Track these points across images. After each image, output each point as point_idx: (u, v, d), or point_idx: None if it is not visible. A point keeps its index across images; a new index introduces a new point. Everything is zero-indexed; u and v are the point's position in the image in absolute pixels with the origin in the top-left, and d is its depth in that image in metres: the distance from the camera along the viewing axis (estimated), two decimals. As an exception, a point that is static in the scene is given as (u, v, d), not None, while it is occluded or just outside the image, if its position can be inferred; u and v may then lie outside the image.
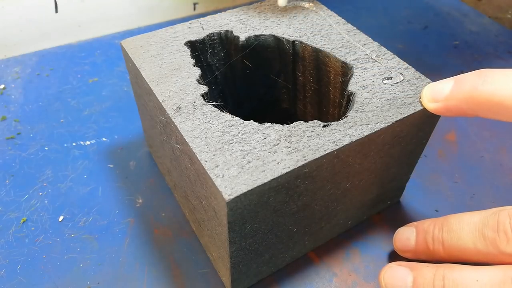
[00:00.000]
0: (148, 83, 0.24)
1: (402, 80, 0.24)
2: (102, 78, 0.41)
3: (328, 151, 0.20)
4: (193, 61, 0.25)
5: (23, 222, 0.29)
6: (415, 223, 0.25)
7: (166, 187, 0.31)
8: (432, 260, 0.23)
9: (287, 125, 0.22)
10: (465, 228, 0.22)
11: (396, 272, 0.23)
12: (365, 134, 0.21)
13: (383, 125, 0.22)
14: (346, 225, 0.28)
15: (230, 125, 0.21)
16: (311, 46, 0.27)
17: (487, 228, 0.21)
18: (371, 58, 0.26)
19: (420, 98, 0.23)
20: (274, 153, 0.20)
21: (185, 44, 0.27)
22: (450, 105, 0.21)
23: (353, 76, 0.24)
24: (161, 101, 0.23)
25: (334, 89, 0.27)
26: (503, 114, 0.20)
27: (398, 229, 0.26)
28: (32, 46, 0.45)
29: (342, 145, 0.20)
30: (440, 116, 0.24)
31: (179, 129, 0.21)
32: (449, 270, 0.21)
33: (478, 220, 0.21)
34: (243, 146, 0.20)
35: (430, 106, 0.22)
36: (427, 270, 0.22)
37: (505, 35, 0.47)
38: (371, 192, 0.27)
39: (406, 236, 0.25)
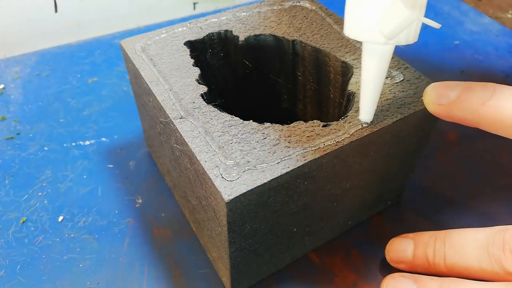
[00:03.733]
0: (148, 83, 0.24)
1: (402, 80, 0.24)
2: (102, 78, 0.41)
3: (328, 151, 0.20)
4: (192, 61, 0.25)
5: (23, 222, 0.29)
6: (410, 234, 0.25)
7: (166, 187, 0.31)
8: (429, 274, 0.23)
9: (287, 125, 0.22)
10: (469, 244, 0.21)
11: (400, 284, 0.22)
12: (365, 134, 0.21)
13: (383, 125, 0.21)
14: (346, 225, 0.28)
15: (229, 125, 0.21)
16: (311, 46, 0.27)
17: (493, 246, 0.21)
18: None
19: (422, 96, 0.22)
20: (274, 153, 0.20)
21: (184, 44, 0.27)
22: (453, 112, 0.21)
23: (353, 75, 0.24)
24: (160, 101, 0.23)
25: (334, 89, 0.27)
26: (505, 131, 0.20)
27: (392, 239, 0.26)
28: (32, 46, 0.45)
29: (342, 145, 0.20)
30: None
31: (179, 129, 0.21)
32: (454, 284, 0.21)
33: (483, 237, 0.21)
34: (242, 146, 0.20)
35: (432, 108, 0.22)
36: (432, 284, 0.21)
37: (505, 34, 0.47)
38: (371, 192, 0.27)
39: (402, 248, 0.25)
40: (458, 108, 0.20)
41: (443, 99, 0.21)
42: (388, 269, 0.26)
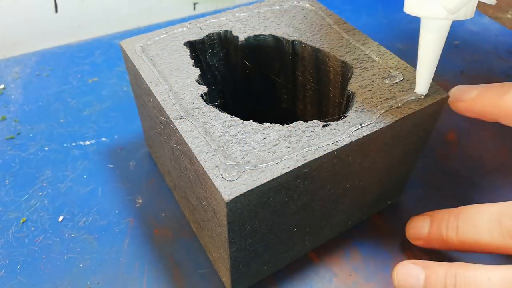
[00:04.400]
0: (147, 84, 0.24)
1: (402, 79, 0.24)
2: (102, 78, 0.41)
3: (328, 151, 0.20)
4: (192, 61, 0.25)
5: (23, 222, 0.29)
6: (430, 212, 0.26)
7: (166, 187, 0.31)
8: (444, 249, 0.24)
9: (287, 125, 0.22)
10: (482, 216, 0.22)
11: (409, 270, 0.23)
12: (365, 134, 0.21)
13: (382, 125, 0.21)
14: (346, 225, 0.28)
15: (229, 125, 0.21)
16: (310, 46, 0.27)
17: (506, 217, 0.21)
18: (371, 57, 0.26)
19: (449, 98, 0.24)
20: (274, 153, 0.20)
21: (184, 44, 0.27)
22: (474, 107, 0.23)
23: (353, 75, 0.24)
24: (160, 102, 0.23)
25: (334, 88, 0.27)
26: None
27: (412, 217, 0.26)
28: (32, 46, 0.45)
29: (342, 145, 0.20)
30: (440, 115, 0.24)
31: (179, 129, 0.21)
32: (462, 268, 0.21)
33: (496, 209, 0.22)
34: (242, 146, 0.20)
35: (456, 105, 0.24)
36: (440, 268, 0.22)
37: (505, 35, 0.47)
38: (371, 192, 0.27)
39: (420, 224, 0.25)
40: (479, 103, 0.23)
41: (466, 95, 0.23)
42: (388, 268, 0.27)
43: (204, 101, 0.23)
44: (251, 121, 0.22)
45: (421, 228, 0.25)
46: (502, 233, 0.21)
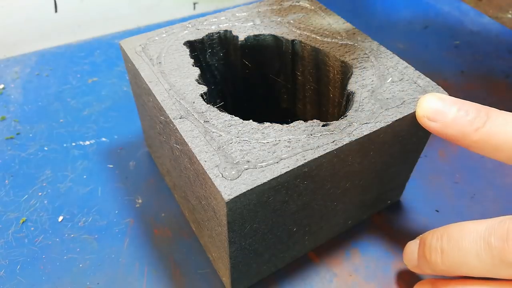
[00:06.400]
0: (147, 83, 0.24)
1: (402, 79, 0.24)
2: (102, 78, 0.41)
3: (327, 150, 0.20)
4: (192, 61, 0.25)
5: (23, 222, 0.29)
6: (421, 235, 0.23)
7: (166, 187, 0.31)
8: (434, 274, 0.22)
9: (287, 125, 0.21)
10: (467, 236, 0.20)
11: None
12: (365, 133, 0.21)
13: (382, 125, 0.21)
14: (346, 225, 0.28)
15: (229, 125, 0.21)
16: (310, 46, 0.27)
17: (494, 237, 0.18)
18: (370, 57, 0.26)
19: (416, 105, 0.22)
20: (274, 152, 0.20)
21: (184, 44, 0.27)
22: (445, 131, 0.21)
23: (353, 75, 0.24)
24: (160, 101, 0.23)
25: (334, 88, 0.27)
26: (497, 155, 0.20)
27: (408, 243, 0.24)
28: (32, 46, 0.45)
29: (342, 145, 0.20)
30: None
31: (178, 129, 0.21)
32: (462, 284, 0.20)
33: (483, 228, 0.19)
34: (242, 146, 0.20)
35: (426, 122, 0.21)
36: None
37: (505, 34, 0.47)
38: (371, 192, 0.27)
39: (411, 250, 0.23)
40: (451, 129, 0.21)
41: (438, 117, 0.21)
42: (387, 269, 0.26)
43: (204, 100, 0.23)
44: (251, 120, 0.22)
45: (412, 253, 0.23)
46: (492, 255, 0.18)
